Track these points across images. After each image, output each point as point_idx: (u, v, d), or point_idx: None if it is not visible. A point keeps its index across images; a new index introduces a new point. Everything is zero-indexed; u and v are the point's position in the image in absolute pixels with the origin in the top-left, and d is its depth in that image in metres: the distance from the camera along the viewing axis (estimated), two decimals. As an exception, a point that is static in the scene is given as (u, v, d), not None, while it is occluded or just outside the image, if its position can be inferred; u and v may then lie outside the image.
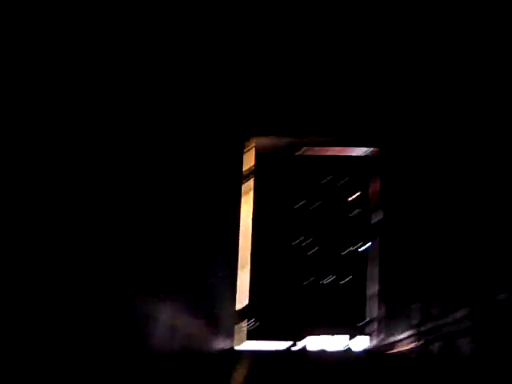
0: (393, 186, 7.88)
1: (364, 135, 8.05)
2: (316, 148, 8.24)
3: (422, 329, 5.94)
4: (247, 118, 7.66)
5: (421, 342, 5.93)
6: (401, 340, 7.02)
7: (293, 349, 7.53)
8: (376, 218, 8.22)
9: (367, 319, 8.09)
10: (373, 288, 8.10)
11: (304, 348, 7.63)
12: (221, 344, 6.41)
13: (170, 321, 3.28)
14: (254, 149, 8.08)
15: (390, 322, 7.58)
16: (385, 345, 7.47)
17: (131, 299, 2.49)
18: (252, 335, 7.91)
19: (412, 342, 6.39)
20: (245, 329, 7.81)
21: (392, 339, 7.36)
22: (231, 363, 5.90)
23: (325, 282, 8.39)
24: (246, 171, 8.05)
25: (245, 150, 7.96)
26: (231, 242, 7.20)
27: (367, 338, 8.10)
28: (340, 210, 8.50)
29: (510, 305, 3.55)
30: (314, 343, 7.91)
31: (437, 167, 5.84)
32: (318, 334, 8.12)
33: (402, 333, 6.95)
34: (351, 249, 8.40)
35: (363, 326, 8.12)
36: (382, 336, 7.82)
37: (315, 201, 8.52)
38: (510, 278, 3.57)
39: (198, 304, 4.53)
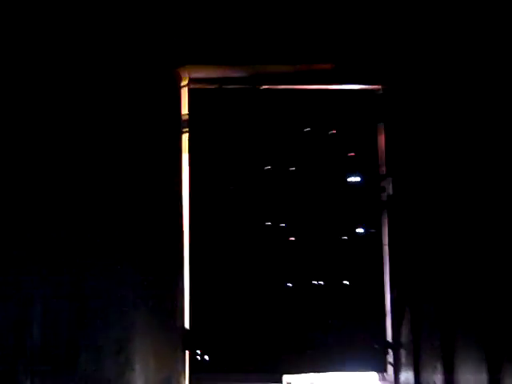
0: (403, 143, 5.14)
1: (359, 66, 5.25)
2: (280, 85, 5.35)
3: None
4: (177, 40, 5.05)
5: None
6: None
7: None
8: (386, 187, 5.47)
9: (383, 344, 5.34)
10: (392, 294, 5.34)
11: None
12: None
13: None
14: (187, 84, 5.36)
15: (416, 349, 4.89)
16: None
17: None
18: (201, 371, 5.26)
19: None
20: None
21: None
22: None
23: (316, 283, 5.50)
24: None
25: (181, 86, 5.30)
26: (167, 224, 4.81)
27: (386, 375, 5.37)
28: (332, 176, 5.58)
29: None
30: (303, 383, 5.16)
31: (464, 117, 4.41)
32: (310, 370, 5.34)
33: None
34: (357, 232, 5.54)
35: (381, 356, 5.36)
36: (406, 374, 5.10)
37: (289, 162, 5.55)
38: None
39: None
